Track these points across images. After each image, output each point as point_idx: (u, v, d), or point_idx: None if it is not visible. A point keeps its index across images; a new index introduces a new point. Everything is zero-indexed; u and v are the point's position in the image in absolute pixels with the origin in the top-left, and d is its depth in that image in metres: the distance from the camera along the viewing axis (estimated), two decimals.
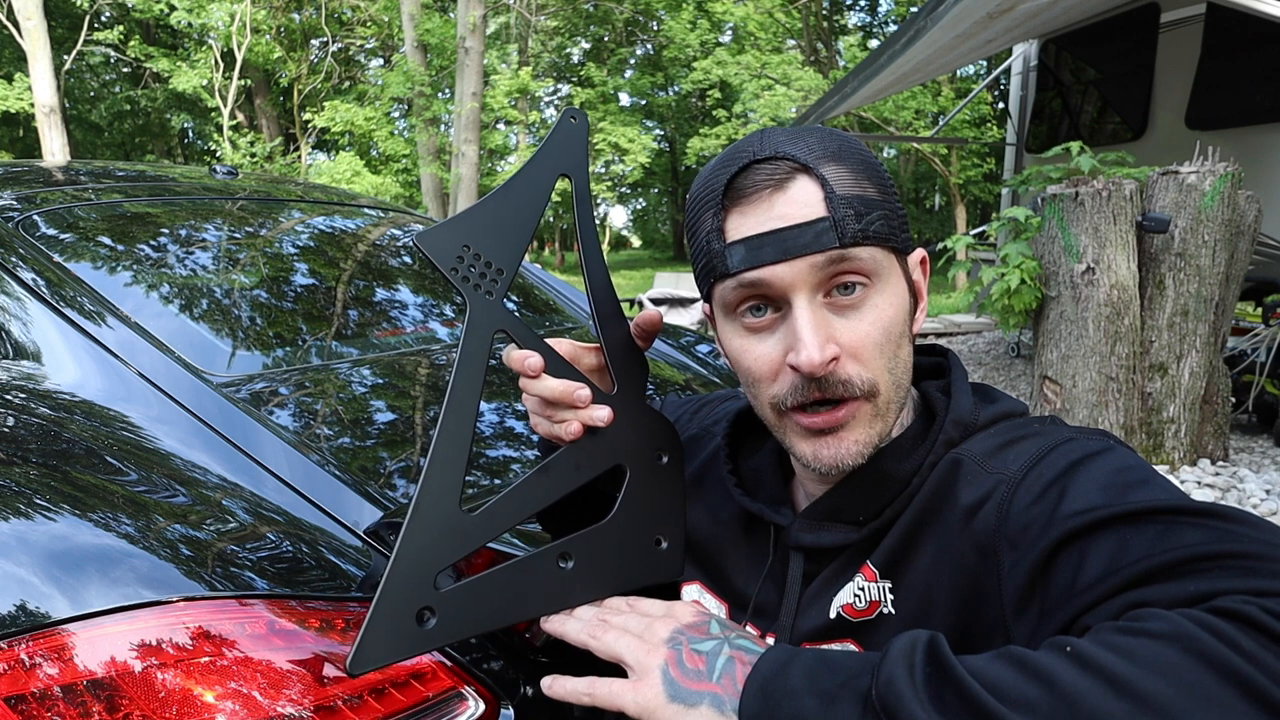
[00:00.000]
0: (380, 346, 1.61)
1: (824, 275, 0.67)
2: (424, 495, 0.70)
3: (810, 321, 0.66)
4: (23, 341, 1.30)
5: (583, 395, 0.76)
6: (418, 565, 0.69)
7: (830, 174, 0.67)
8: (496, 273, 0.74)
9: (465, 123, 12.44)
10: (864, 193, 0.68)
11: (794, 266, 0.66)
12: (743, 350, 0.72)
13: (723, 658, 0.63)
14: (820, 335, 0.66)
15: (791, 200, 0.67)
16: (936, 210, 20.81)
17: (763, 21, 17.38)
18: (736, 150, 0.71)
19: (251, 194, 2.10)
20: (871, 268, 0.67)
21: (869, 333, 0.68)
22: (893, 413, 0.71)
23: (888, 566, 0.71)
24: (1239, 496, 3.41)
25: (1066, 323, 3.67)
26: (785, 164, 0.68)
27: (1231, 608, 0.48)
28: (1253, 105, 5.30)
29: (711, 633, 0.66)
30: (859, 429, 0.70)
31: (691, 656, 0.64)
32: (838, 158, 0.68)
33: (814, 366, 0.65)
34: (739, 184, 0.69)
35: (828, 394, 0.68)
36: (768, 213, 0.67)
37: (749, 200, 0.68)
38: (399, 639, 0.68)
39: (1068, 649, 0.50)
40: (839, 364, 0.67)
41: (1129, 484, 0.60)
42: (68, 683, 0.77)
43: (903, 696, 0.51)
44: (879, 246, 0.68)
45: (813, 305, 0.67)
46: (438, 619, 0.69)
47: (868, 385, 0.68)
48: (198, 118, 20.62)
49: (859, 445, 0.70)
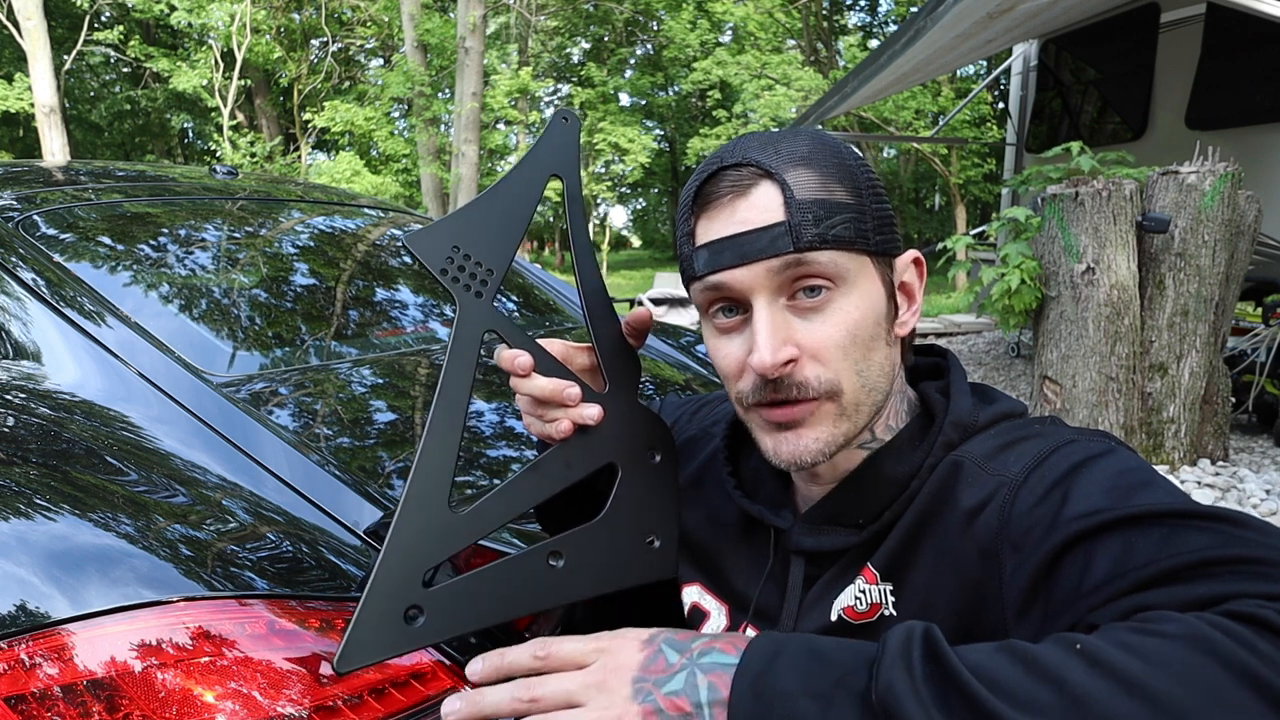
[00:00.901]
0: (380, 346, 1.61)
1: (783, 279, 0.68)
2: (413, 494, 0.70)
3: (767, 324, 0.67)
4: (23, 341, 1.30)
5: (572, 394, 0.76)
6: (406, 563, 0.69)
7: (793, 179, 0.68)
8: (487, 273, 0.74)
9: (465, 123, 12.44)
10: (830, 196, 0.68)
11: (751, 270, 0.68)
12: (715, 349, 0.74)
13: (703, 689, 0.56)
14: (776, 338, 0.67)
15: (752, 205, 0.68)
16: (936, 210, 20.82)
17: (763, 21, 17.37)
18: (712, 157, 0.73)
19: (251, 194, 2.10)
20: (833, 271, 0.68)
21: (831, 334, 0.68)
22: (863, 414, 0.71)
23: (888, 569, 0.70)
24: (1239, 496, 3.41)
25: (1066, 323, 3.66)
26: (749, 170, 0.69)
27: (1246, 611, 0.48)
28: (1253, 105, 5.30)
29: (671, 664, 0.59)
30: (819, 427, 0.70)
31: (669, 703, 0.57)
32: (805, 162, 0.69)
33: (765, 368, 0.67)
34: (706, 190, 0.71)
35: (783, 395, 0.69)
36: (730, 218, 0.69)
37: (714, 205, 0.70)
38: (386, 637, 0.68)
39: (1077, 646, 0.49)
40: (797, 365, 0.68)
41: (1132, 486, 0.60)
42: (68, 683, 0.77)
43: (904, 701, 0.49)
44: (842, 250, 0.68)
45: (772, 308, 0.68)
46: (426, 617, 0.69)
47: (826, 386, 0.68)
48: (198, 118, 20.62)
49: (819, 443, 0.70)
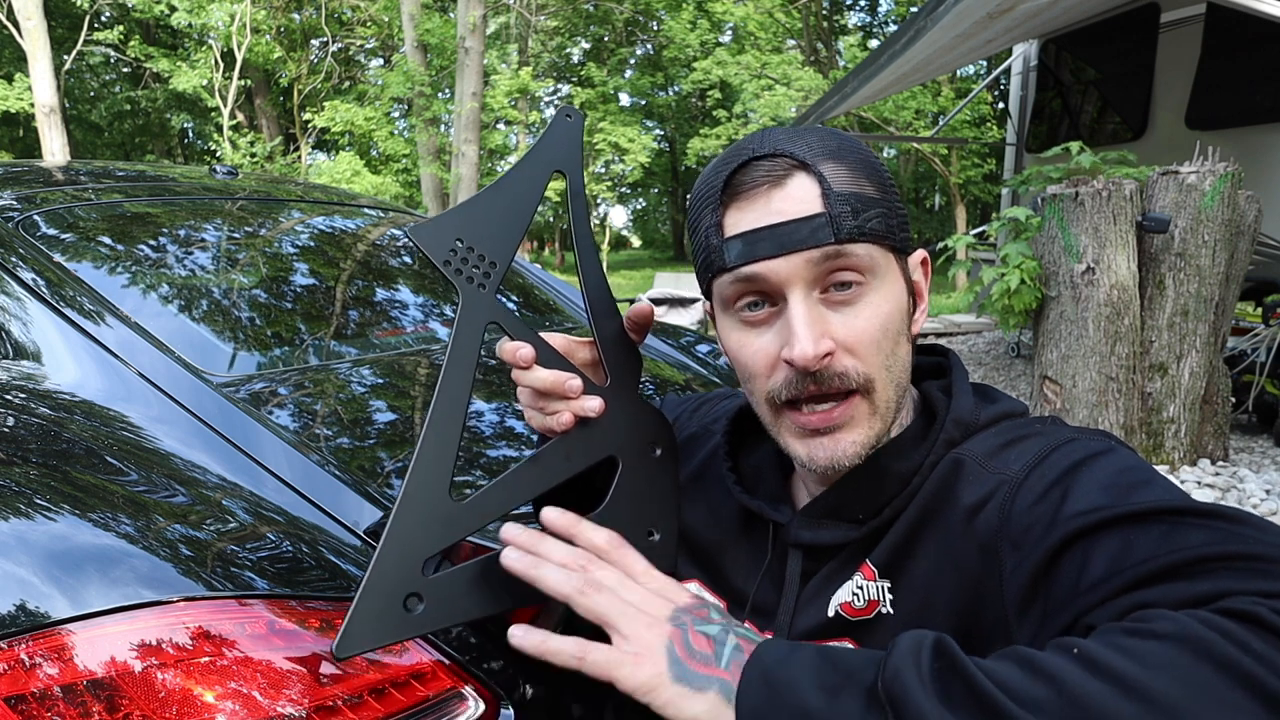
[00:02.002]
0: (380, 346, 1.61)
1: (820, 271, 0.67)
2: (413, 483, 0.70)
3: (805, 316, 0.67)
4: (23, 341, 1.30)
5: (573, 385, 0.76)
6: (405, 551, 0.69)
7: (828, 171, 0.68)
8: (490, 265, 0.74)
9: (465, 123, 12.44)
10: (862, 190, 0.68)
11: (790, 261, 0.67)
12: (740, 345, 0.72)
13: (730, 644, 0.61)
14: (815, 329, 0.67)
15: (789, 196, 0.67)
16: (936, 210, 20.80)
17: (763, 21, 17.37)
18: (737, 148, 0.72)
19: (251, 194, 2.10)
20: (868, 264, 0.68)
21: (865, 328, 0.68)
22: (890, 413, 0.71)
23: (887, 566, 0.71)
24: (1239, 496, 3.41)
25: (1066, 323, 3.66)
26: (783, 161, 0.68)
27: (1241, 609, 0.48)
28: (1253, 105, 5.30)
29: (713, 618, 0.64)
30: (856, 429, 0.70)
31: (698, 638, 0.62)
32: (836, 156, 0.69)
33: (807, 360, 0.66)
34: (737, 180, 0.69)
35: (823, 388, 0.68)
36: (765, 208, 0.68)
37: (747, 196, 0.69)
38: (386, 624, 0.68)
39: (1074, 650, 0.49)
40: (834, 358, 0.67)
41: (1132, 484, 0.60)
42: (68, 683, 0.77)
43: (909, 689, 0.50)
44: (875, 244, 0.68)
45: (808, 300, 0.67)
46: (425, 605, 0.69)
47: (863, 379, 0.68)
48: (198, 118, 20.61)
49: (856, 446, 0.70)
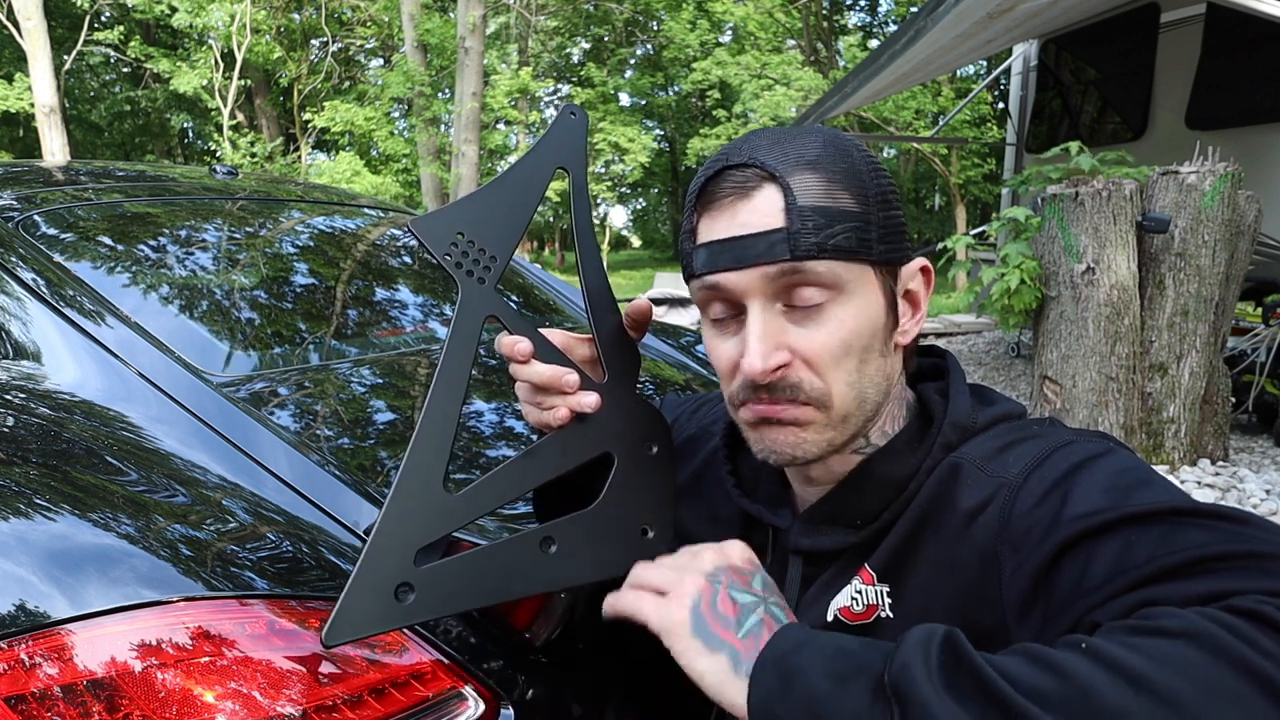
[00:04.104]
0: (380, 346, 1.61)
1: (778, 285, 0.67)
2: (407, 473, 0.70)
3: (760, 330, 0.67)
4: (23, 341, 1.30)
5: (570, 380, 0.76)
6: (398, 541, 0.69)
7: (799, 183, 0.66)
8: (490, 259, 0.75)
9: (465, 123, 12.44)
10: (835, 204, 0.66)
11: (747, 275, 0.67)
12: (711, 347, 0.74)
13: (755, 617, 0.63)
14: (767, 343, 0.67)
15: (754, 209, 0.67)
16: (936, 210, 20.79)
17: (763, 21, 17.36)
18: (718, 155, 0.72)
19: (251, 194, 2.10)
20: (830, 280, 0.66)
21: (825, 343, 0.67)
22: (851, 425, 0.70)
23: (886, 570, 0.70)
24: (1239, 496, 3.41)
25: (1066, 323, 3.66)
26: (754, 172, 0.68)
27: (1248, 607, 0.48)
28: (1253, 105, 5.30)
29: (753, 587, 0.66)
30: (806, 429, 0.70)
31: (726, 601, 0.64)
32: (813, 166, 0.67)
33: (755, 374, 0.67)
34: (710, 189, 0.70)
35: (775, 398, 0.69)
36: (731, 220, 0.68)
37: (717, 205, 0.69)
38: (376, 612, 0.68)
39: (1082, 645, 0.49)
40: (789, 369, 0.68)
41: (1131, 486, 0.60)
42: (68, 683, 0.77)
43: (915, 679, 0.51)
44: (842, 260, 0.66)
45: (766, 312, 0.68)
46: (416, 595, 0.69)
47: (818, 393, 0.68)
48: (198, 118, 20.60)
49: (806, 443, 0.70)
